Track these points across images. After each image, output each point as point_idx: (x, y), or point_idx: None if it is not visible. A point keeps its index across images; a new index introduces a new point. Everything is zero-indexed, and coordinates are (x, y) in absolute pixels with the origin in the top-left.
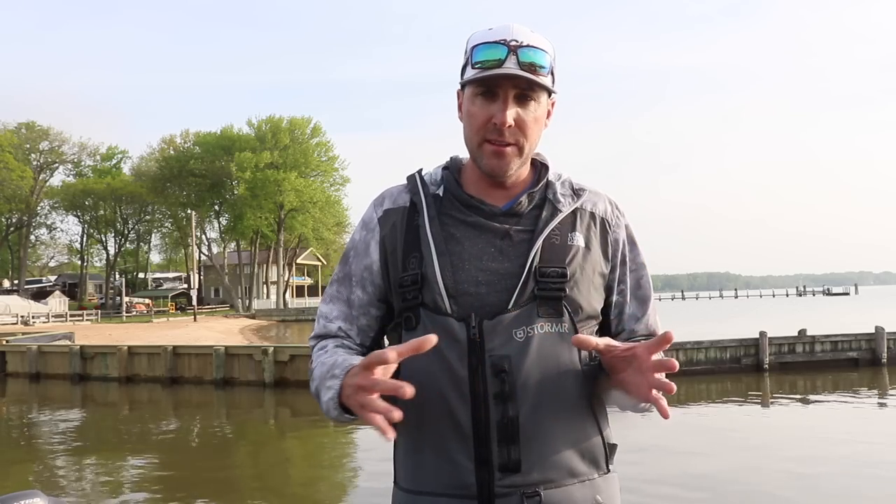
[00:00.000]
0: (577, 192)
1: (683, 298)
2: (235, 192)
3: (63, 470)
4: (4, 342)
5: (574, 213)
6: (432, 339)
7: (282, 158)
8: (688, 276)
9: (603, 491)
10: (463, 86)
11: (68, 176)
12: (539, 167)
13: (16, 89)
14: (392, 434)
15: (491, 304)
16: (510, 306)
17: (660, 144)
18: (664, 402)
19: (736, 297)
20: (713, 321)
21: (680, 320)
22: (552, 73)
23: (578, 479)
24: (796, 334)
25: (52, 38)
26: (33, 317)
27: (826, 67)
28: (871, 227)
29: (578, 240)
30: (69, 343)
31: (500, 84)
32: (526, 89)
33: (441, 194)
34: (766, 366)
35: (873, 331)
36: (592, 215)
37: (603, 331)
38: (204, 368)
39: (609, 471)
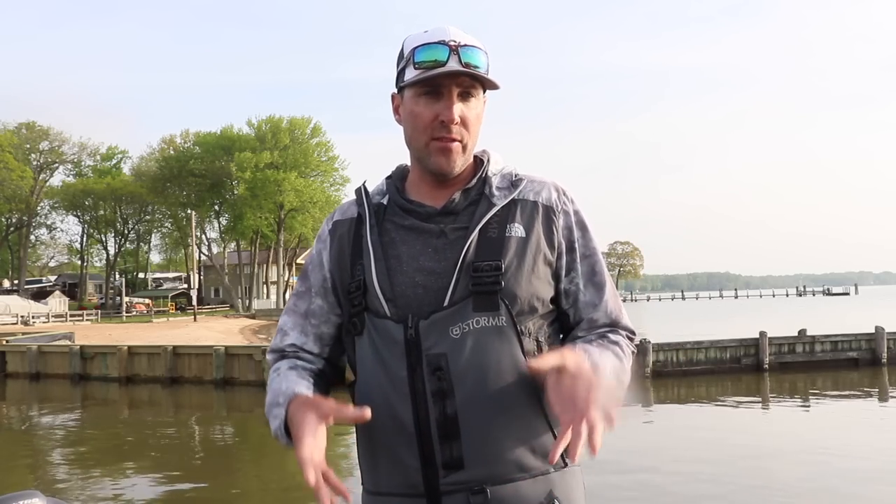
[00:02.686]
0: (514, 183)
1: (683, 298)
2: (235, 192)
3: (63, 470)
4: (4, 342)
5: (513, 203)
6: (366, 414)
7: (282, 158)
8: (688, 276)
9: (558, 485)
10: (401, 88)
11: (68, 176)
12: (479, 163)
13: (21, 90)
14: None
15: (428, 303)
16: (445, 304)
17: (661, 144)
18: (559, 448)
19: (736, 297)
20: (713, 321)
21: (680, 320)
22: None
23: (530, 475)
24: (796, 334)
25: (53, 38)
26: (33, 317)
27: (827, 67)
28: (871, 227)
29: (517, 230)
30: (69, 343)
31: (443, 83)
32: (468, 87)
33: (385, 203)
34: (766, 366)
35: (873, 331)
36: (535, 204)
37: (561, 321)
38: (204, 368)
39: (567, 465)
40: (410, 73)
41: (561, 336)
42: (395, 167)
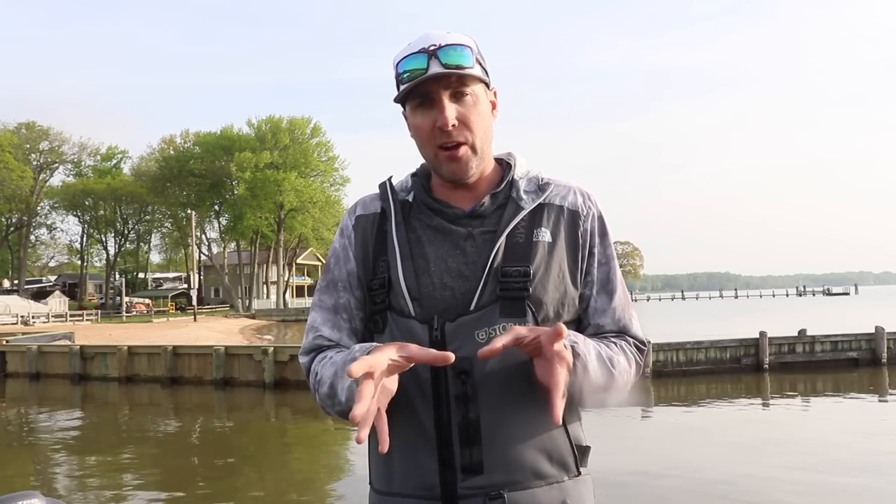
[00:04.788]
0: (542, 187)
1: (683, 298)
2: (235, 192)
3: (62, 470)
4: (4, 342)
5: (540, 208)
6: (450, 357)
7: (282, 158)
8: (688, 276)
9: (572, 494)
10: (403, 105)
11: (68, 176)
12: (505, 166)
13: (27, 91)
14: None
15: (454, 306)
16: (472, 307)
17: (661, 145)
18: (558, 403)
19: (736, 297)
20: (713, 321)
21: (680, 320)
22: (481, 65)
23: (546, 482)
24: (796, 334)
25: (56, 38)
26: (33, 317)
27: (827, 67)
28: (871, 227)
29: (544, 235)
30: (69, 343)
31: (431, 89)
32: (457, 86)
33: (410, 200)
34: (766, 366)
35: (873, 331)
36: (560, 208)
37: (577, 326)
38: (204, 368)
39: (580, 473)
40: (400, 88)
41: None
42: (419, 165)
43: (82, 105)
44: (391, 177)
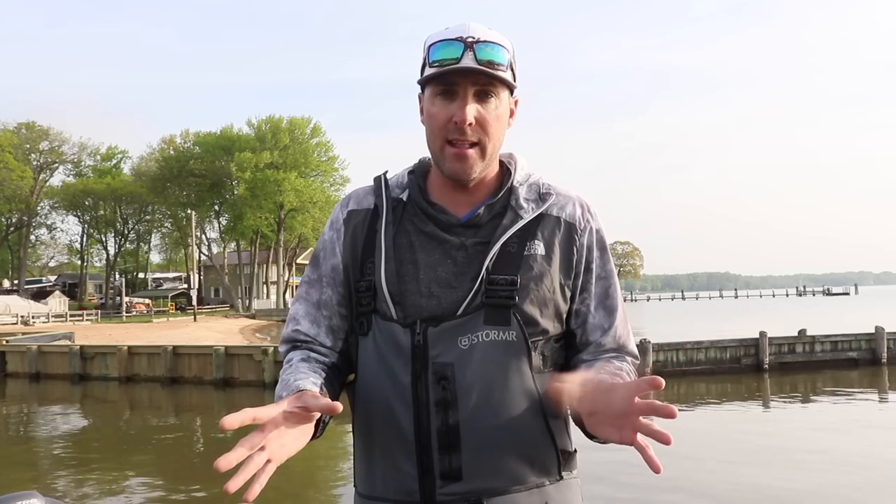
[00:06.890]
0: (542, 196)
1: (683, 298)
2: (235, 192)
3: (62, 470)
4: (4, 342)
5: (538, 218)
6: (338, 408)
7: (282, 158)
8: (688, 276)
9: (555, 498)
10: (423, 87)
11: (68, 176)
12: (506, 171)
13: (33, 93)
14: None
15: (440, 312)
16: (458, 314)
17: (662, 145)
18: (652, 451)
19: (736, 297)
20: (713, 321)
21: (680, 320)
22: (512, 70)
23: (525, 487)
24: (796, 334)
25: (59, 38)
26: (33, 317)
27: (827, 67)
28: (871, 227)
29: (538, 248)
30: (69, 343)
31: (458, 81)
32: (485, 85)
33: (405, 199)
34: (766, 366)
35: (873, 331)
36: (558, 220)
37: (567, 339)
38: (204, 368)
39: (562, 478)
40: (427, 72)
41: (565, 355)
42: (416, 160)
43: (86, 105)
44: (386, 171)
